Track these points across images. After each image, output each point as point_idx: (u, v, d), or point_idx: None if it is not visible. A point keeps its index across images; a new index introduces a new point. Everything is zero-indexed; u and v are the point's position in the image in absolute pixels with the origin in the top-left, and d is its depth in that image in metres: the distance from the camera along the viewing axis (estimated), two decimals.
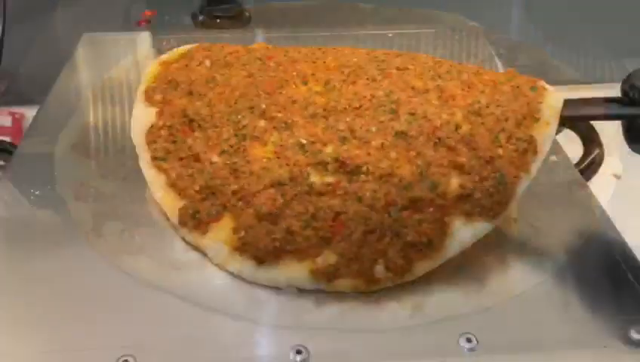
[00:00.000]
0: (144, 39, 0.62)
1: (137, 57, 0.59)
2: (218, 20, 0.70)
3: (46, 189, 0.42)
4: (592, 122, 0.51)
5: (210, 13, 0.70)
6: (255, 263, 0.36)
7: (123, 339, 0.32)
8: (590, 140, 0.51)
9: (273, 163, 0.38)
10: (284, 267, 0.36)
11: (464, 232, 0.36)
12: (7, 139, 0.65)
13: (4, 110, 0.80)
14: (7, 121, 0.79)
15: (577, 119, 0.40)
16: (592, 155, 0.50)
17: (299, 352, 0.32)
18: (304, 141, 0.39)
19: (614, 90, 0.38)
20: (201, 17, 0.70)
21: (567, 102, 0.39)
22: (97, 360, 0.31)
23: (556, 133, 0.39)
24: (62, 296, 0.34)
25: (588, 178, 0.48)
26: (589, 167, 0.50)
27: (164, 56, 0.47)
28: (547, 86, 0.40)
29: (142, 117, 0.43)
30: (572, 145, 0.49)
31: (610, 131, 0.51)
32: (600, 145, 0.51)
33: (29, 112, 0.76)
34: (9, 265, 0.37)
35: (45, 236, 0.39)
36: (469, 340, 0.32)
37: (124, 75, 0.55)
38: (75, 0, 0.80)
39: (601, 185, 0.39)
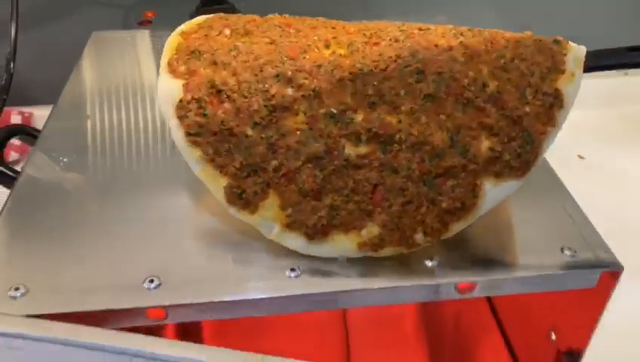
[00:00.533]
0: (144, 37, 0.68)
1: (139, 53, 0.65)
2: None
3: (72, 157, 0.49)
4: None
5: (206, 13, 0.73)
6: (306, 239, 0.38)
7: (149, 265, 0.39)
8: None
9: (307, 135, 0.39)
10: (333, 241, 0.39)
11: (494, 192, 0.38)
12: None
13: (14, 110, 0.88)
14: (17, 120, 0.88)
15: (601, 69, 0.40)
16: None
17: (292, 270, 0.39)
18: (335, 110, 0.39)
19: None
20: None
21: (590, 54, 0.39)
22: (127, 280, 0.38)
23: None
24: (94, 235, 0.42)
25: None
26: None
27: (183, 27, 0.45)
28: (568, 41, 0.40)
29: (168, 90, 0.42)
30: None
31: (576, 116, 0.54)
32: None
33: (37, 111, 0.88)
34: (47, 214, 0.43)
35: (76, 192, 0.46)
36: (431, 258, 0.40)
37: (129, 68, 0.61)
38: (77, 3, 0.85)
39: (566, 166, 0.42)
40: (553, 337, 0.48)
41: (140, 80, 0.59)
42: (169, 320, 0.38)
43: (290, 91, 0.40)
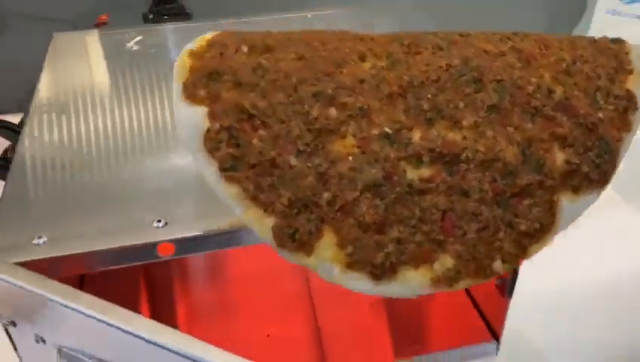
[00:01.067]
0: (102, 35, 0.69)
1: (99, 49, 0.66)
2: (166, 17, 0.79)
3: (63, 134, 0.50)
4: None
5: (158, 12, 0.80)
6: (372, 279, 0.34)
7: (155, 210, 0.42)
8: None
9: (361, 160, 0.34)
10: (403, 279, 0.34)
11: (572, 208, 0.35)
12: None
13: None
14: None
15: None
16: None
17: None
18: (389, 130, 0.35)
19: None
20: (150, 16, 0.80)
21: None
22: (137, 222, 0.41)
23: None
24: (102, 191, 0.44)
25: None
26: None
27: (191, 47, 0.39)
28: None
29: (189, 119, 0.36)
30: None
31: None
32: None
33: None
34: (55, 177, 0.45)
35: (76, 159, 0.47)
36: None
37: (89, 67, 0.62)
38: (28, 16, 0.88)
39: None
40: None
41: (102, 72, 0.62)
42: (177, 254, 0.40)
43: (333, 112, 0.36)
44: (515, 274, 0.46)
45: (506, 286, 0.48)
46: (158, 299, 0.63)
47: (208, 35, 0.41)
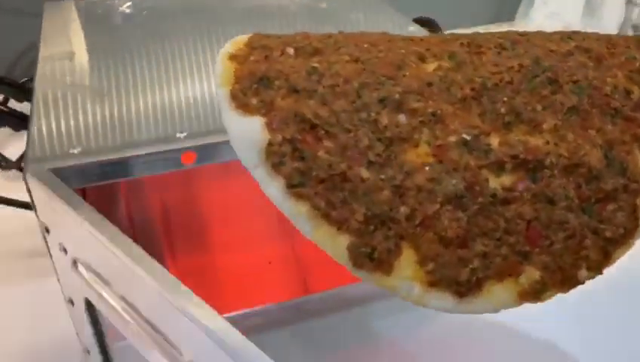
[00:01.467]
0: (85, 3, 0.69)
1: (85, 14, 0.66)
2: None
3: (75, 75, 0.51)
4: None
5: None
6: (455, 296, 0.32)
7: (178, 123, 0.45)
8: None
9: (439, 170, 0.32)
10: (488, 294, 0.32)
11: None
12: None
13: None
14: None
15: None
16: None
17: None
18: (467, 137, 0.33)
19: None
20: None
21: None
22: (162, 134, 0.44)
23: None
24: (128, 106, 0.47)
25: None
26: None
27: (231, 49, 0.36)
28: None
29: (244, 131, 0.33)
30: None
31: None
32: None
33: None
34: (86, 102, 0.47)
35: (94, 88, 0.49)
36: None
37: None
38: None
39: None
40: None
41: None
42: (199, 162, 0.43)
43: (403, 118, 0.33)
44: None
45: None
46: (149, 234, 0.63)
47: (244, 38, 0.38)
